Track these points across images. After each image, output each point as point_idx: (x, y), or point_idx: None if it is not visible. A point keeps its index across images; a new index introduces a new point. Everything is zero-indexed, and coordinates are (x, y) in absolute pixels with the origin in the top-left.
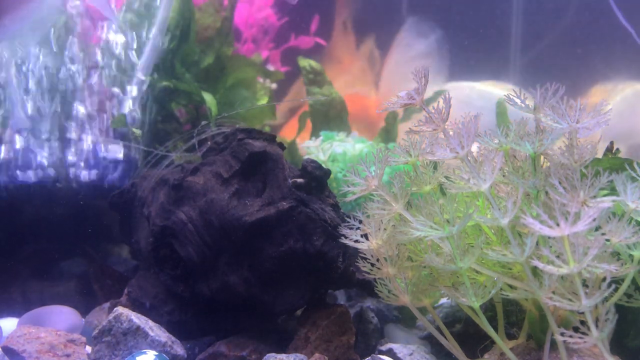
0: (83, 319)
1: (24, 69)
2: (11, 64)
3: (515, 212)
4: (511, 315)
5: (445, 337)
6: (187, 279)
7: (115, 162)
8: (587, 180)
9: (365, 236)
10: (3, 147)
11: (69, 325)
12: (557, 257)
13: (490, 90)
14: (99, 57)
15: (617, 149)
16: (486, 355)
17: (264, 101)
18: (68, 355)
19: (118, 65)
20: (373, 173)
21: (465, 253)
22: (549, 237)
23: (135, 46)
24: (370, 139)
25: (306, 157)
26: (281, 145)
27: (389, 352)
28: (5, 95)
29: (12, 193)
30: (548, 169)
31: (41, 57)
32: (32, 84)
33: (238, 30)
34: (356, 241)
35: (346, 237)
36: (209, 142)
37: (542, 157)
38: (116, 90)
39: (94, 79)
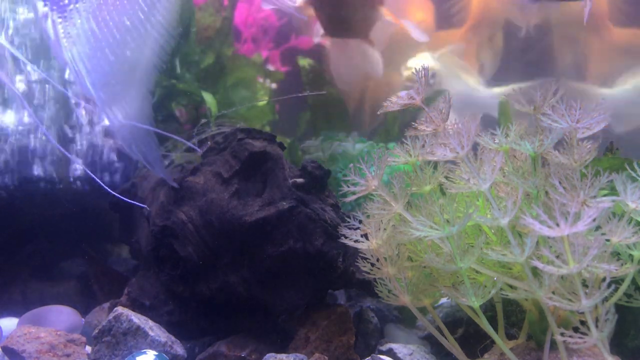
0: (83, 319)
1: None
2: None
3: (515, 212)
4: (511, 315)
5: (445, 337)
6: (187, 279)
7: (115, 161)
8: (587, 180)
9: (365, 236)
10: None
11: (69, 325)
12: (557, 257)
13: None
14: None
15: (617, 149)
16: (486, 355)
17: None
18: (68, 355)
19: None
20: (373, 173)
21: (465, 253)
22: (549, 237)
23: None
24: None
25: (306, 157)
26: (281, 145)
27: (389, 352)
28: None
29: (12, 193)
30: (548, 168)
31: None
32: (31, 82)
33: (238, 30)
34: (356, 241)
35: (346, 237)
36: (209, 142)
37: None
38: None
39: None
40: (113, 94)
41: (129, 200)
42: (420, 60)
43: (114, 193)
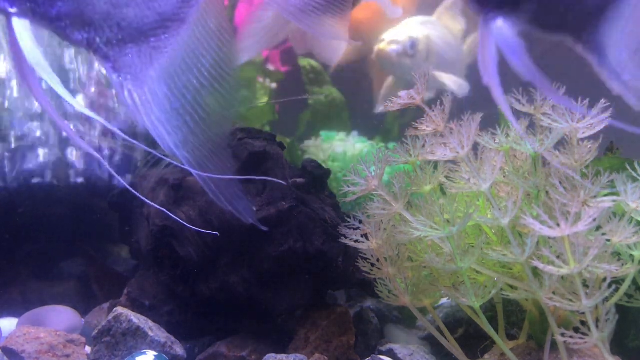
0: (83, 319)
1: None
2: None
3: (516, 212)
4: (511, 315)
5: (445, 338)
6: (187, 279)
7: (116, 161)
8: (587, 180)
9: (366, 236)
10: (2, 147)
11: (68, 326)
12: (558, 257)
13: None
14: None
15: (617, 149)
16: (486, 356)
17: (264, 101)
18: (68, 356)
19: None
20: (373, 173)
21: (465, 253)
22: (550, 237)
23: None
24: None
25: (306, 157)
26: (281, 145)
27: (389, 353)
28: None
29: (11, 193)
30: (549, 168)
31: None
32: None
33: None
34: (356, 241)
35: (346, 237)
36: None
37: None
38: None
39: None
40: (194, 150)
41: (143, 198)
42: (400, 30)
43: (137, 194)
